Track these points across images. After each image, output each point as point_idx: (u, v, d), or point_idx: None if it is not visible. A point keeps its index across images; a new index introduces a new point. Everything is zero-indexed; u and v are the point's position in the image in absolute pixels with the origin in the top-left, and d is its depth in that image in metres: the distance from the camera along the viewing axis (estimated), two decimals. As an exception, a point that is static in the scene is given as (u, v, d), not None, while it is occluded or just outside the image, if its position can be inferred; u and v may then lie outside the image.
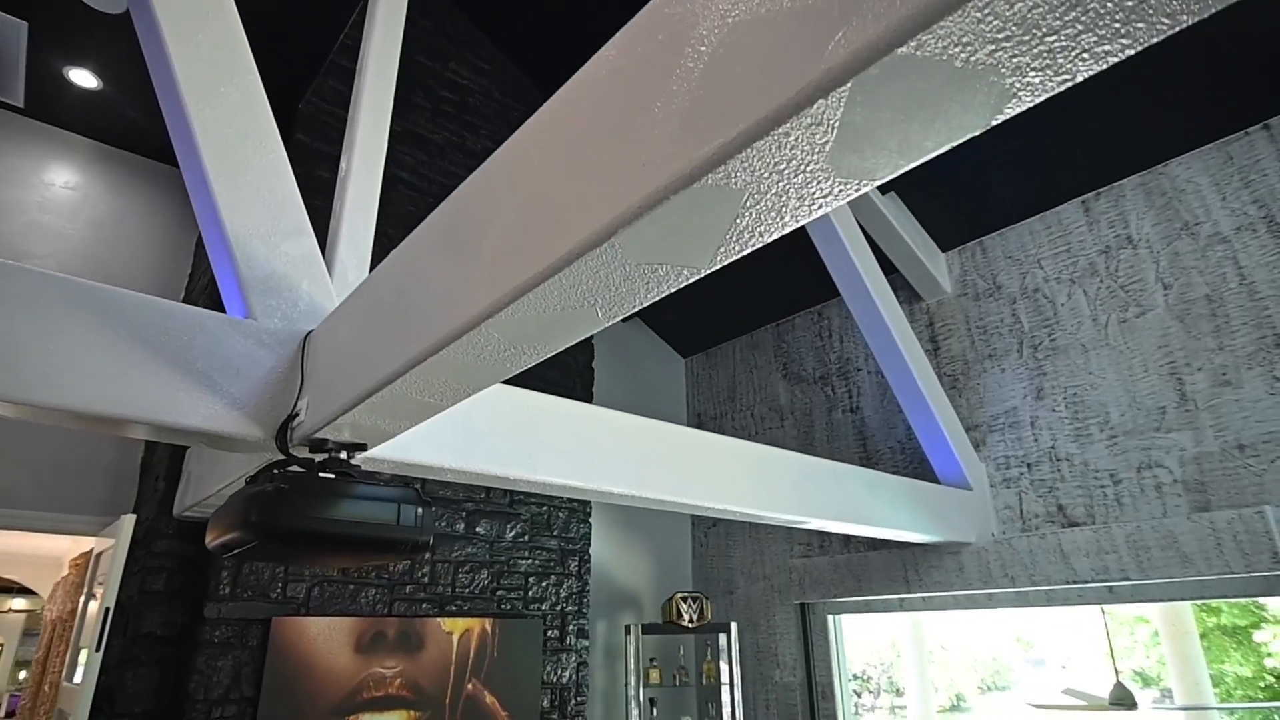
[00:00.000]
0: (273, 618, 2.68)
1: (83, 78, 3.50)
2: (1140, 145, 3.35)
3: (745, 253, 0.84)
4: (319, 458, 1.55)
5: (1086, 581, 3.17)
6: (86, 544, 3.53)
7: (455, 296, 1.06)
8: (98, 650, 2.51)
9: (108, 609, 2.56)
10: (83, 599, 3.11)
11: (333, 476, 1.44)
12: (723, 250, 0.83)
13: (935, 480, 3.55)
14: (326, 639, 2.77)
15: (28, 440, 3.15)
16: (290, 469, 1.43)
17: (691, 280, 0.90)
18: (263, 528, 1.29)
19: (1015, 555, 3.41)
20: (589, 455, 2.13)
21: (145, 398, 1.44)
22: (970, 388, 3.84)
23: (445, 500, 3.26)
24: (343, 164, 1.94)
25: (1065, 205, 3.65)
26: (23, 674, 8.49)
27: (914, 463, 3.92)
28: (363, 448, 1.60)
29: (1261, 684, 7.36)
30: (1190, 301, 3.18)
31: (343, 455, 1.59)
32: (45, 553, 7.10)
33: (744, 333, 5.19)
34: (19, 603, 9.10)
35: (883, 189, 3.80)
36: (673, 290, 0.92)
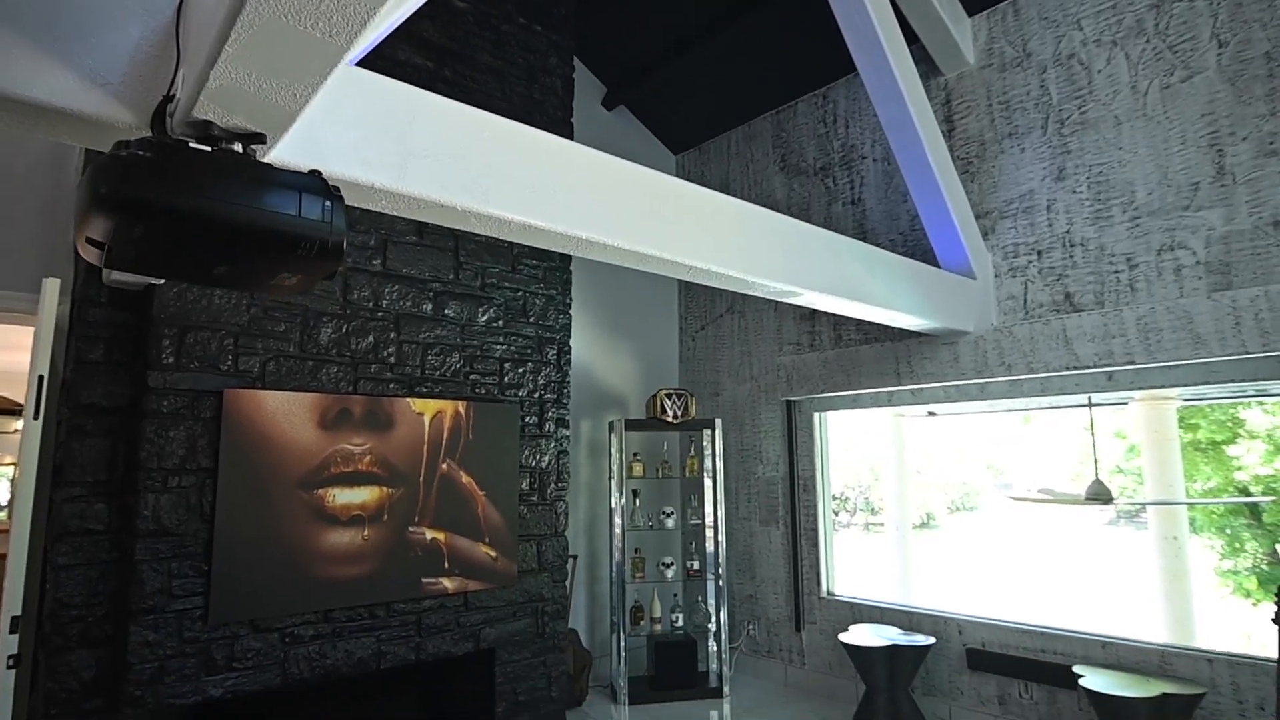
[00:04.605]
0: (224, 390, 2.52)
1: None
2: None
3: None
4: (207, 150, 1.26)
5: (1087, 367, 3.02)
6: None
7: None
8: (36, 419, 2.36)
9: (41, 376, 2.38)
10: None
11: (209, 150, 1.15)
12: None
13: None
14: (286, 413, 2.63)
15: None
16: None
17: None
18: (115, 202, 1.02)
19: (1015, 343, 3.24)
20: (552, 191, 1.84)
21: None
22: (985, 171, 3.50)
23: (410, 279, 3.01)
24: None
25: (1119, -51, 3.12)
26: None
27: (917, 255, 3.66)
28: (260, 139, 1.31)
29: (1226, 494, 7.72)
30: (1246, 61, 2.79)
31: (237, 148, 1.31)
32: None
33: (741, 123, 4.74)
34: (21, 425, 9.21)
35: (908, -72, 3.24)
36: None
